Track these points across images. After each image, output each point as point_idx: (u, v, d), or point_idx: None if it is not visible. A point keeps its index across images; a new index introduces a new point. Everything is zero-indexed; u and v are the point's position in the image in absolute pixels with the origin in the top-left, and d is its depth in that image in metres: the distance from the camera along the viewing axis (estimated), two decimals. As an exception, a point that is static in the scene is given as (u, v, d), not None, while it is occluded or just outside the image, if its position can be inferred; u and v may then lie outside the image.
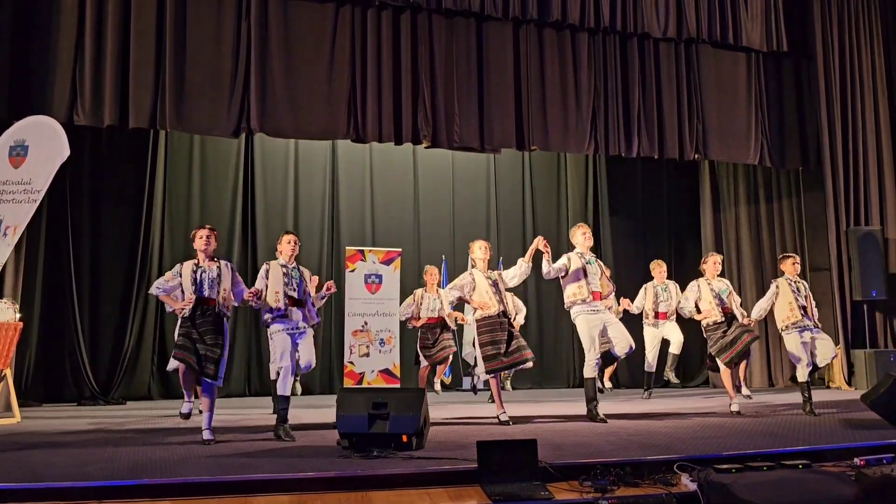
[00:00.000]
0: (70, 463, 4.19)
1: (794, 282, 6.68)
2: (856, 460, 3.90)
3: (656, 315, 8.27)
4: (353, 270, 9.43)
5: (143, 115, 7.36)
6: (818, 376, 9.79)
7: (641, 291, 8.37)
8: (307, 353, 5.46)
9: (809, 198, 10.07)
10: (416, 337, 7.84)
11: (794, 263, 6.76)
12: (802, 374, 6.45)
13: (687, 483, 3.65)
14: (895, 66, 9.90)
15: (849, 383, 9.06)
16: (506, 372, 7.09)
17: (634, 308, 8.02)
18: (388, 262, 9.59)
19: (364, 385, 9.14)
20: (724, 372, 6.74)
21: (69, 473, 3.85)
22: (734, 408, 6.52)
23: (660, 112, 9.04)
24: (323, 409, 6.81)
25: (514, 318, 6.74)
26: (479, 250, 6.30)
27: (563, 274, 6.21)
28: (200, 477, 3.73)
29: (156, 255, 9.04)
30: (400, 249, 9.79)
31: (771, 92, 9.58)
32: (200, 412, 5.47)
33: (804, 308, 6.55)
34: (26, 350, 7.97)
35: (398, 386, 9.19)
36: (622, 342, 6.17)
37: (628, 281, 9.43)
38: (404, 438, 4.43)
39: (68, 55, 7.25)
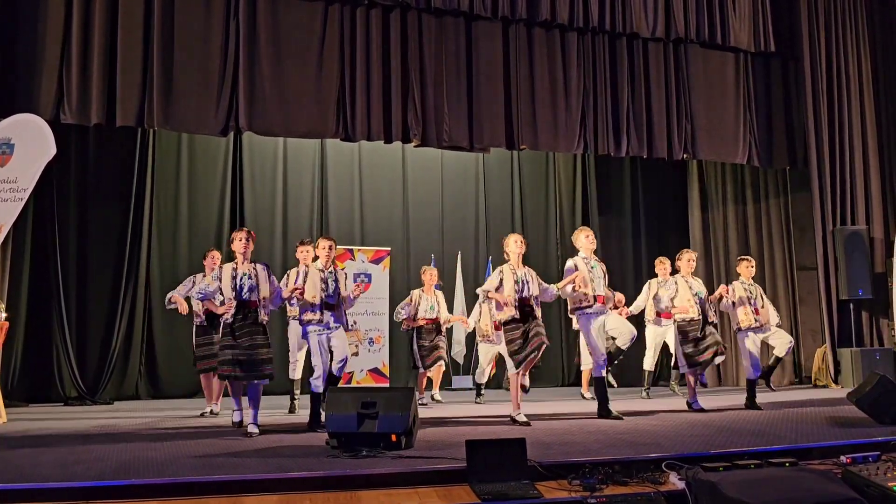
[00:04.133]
0: (56, 463, 4.16)
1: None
2: (842, 458, 3.92)
3: (658, 314, 8.09)
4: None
5: (131, 113, 7.32)
6: (805, 374, 9.88)
7: (645, 288, 8.16)
8: (342, 349, 5.90)
9: (796, 198, 10.14)
10: (409, 338, 7.84)
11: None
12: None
13: (675, 481, 3.66)
14: (881, 66, 9.98)
15: (835, 382, 9.12)
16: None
17: (634, 308, 8.05)
18: (377, 262, 9.58)
19: (353, 384, 9.13)
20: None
21: (55, 474, 3.82)
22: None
23: (649, 112, 9.07)
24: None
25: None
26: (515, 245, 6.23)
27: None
28: (189, 477, 3.72)
29: (143, 255, 8.97)
30: (389, 248, 9.78)
31: (759, 92, 9.63)
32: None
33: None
34: (12, 350, 7.90)
35: (387, 385, 9.18)
36: (624, 333, 6.32)
37: (616, 280, 9.45)
38: (393, 438, 4.42)
39: (55, 52, 7.18)
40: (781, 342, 7.40)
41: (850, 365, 8.95)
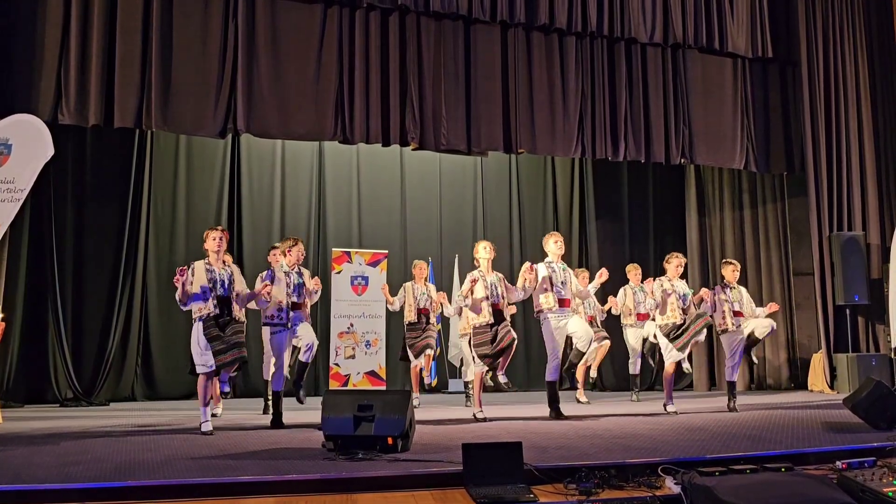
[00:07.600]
0: (52, 464, 4.15)
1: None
2: (838, 463, 3.92)
3: (637, 316, 8.33)
4: (339, 272, 9.42)
5: (129, 114, 7.32)
6: (801, 379, 9.89)
7: (620, 293, 8.42)
8: (308, 335, 6.05)
9: (793, 203, 10.17)
10: (403, 334, 7.85)
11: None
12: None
13: (671, 486, 3.66)
14: (878, 72, 10.00)
15: (831, 387, 9.13)
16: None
17: (613, 310, 8.22)
18: (374, 264, 9.58)
19: (349, 387, 9.12)
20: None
21: (51, 475, 3.81)
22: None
23: (646, 116, 9.09)
24: (308, 411, 6.79)
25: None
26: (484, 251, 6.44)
27: (534, 285, 6.40)
28: (185, 479, 3.71)
29: (140, 256, 8.98)
30: (386, 251, 9.79)
31: (756, 97, 9.66)
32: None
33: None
34: (8, 350, 7.90)
35: (384, 388, 9.17)
36: (583, 338, 6.41)
37: (613, 284, 9.45)
38: (389, 440, 4.42)
39: (53, 53, 7.18)
40: (762, 325, 7.10)
41: (846, 370, 8.96)
